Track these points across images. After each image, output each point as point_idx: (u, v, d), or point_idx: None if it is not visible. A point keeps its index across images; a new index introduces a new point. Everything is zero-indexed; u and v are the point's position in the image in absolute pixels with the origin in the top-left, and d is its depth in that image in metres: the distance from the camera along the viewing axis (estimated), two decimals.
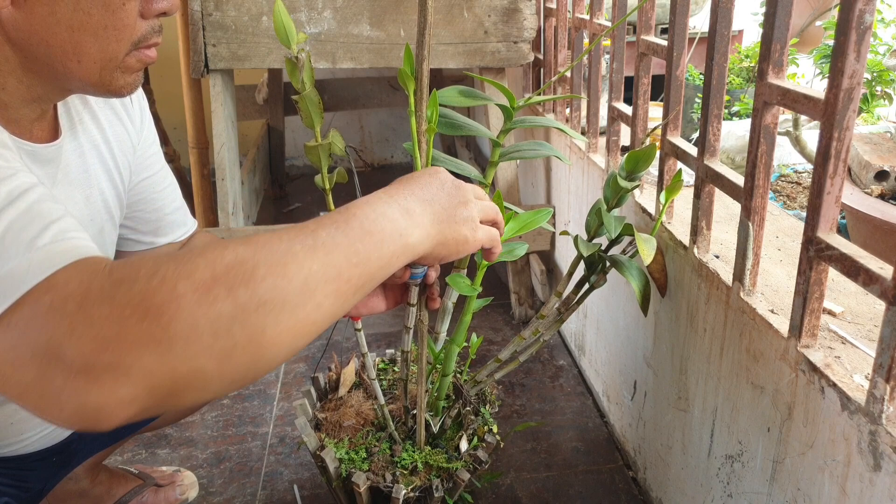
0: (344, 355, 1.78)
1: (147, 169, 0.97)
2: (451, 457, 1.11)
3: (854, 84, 0.70)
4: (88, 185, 0.86)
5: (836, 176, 0.73)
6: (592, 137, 1.55)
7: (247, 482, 1.39)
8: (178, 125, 2.73)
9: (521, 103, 0.94)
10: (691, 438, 1.12)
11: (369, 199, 0.65)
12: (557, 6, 1.72)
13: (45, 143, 0.78)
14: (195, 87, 2.00)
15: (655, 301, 1.19)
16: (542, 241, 1.90)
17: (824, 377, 0.77)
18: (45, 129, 0.79)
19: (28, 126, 0.76)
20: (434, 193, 0.71)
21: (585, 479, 1.38)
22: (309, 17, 1.65)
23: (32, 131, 0.77)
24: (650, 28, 1.21)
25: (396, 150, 3.33)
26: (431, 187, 0.72)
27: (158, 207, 1.00)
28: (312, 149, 0.90)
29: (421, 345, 1.04)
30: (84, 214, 0.85)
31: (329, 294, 0.57)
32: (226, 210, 1.77)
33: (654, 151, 1.07)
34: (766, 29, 0.83)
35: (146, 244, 1.01)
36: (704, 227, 1.04)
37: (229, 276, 0.52)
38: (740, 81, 2.09)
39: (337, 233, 0.59)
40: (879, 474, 0.69)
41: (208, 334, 0.51)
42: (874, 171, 1.41)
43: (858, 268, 0.70)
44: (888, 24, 1.84)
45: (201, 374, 0.51)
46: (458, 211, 0.72)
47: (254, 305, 0.52)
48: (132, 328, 0.49)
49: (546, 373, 1.72)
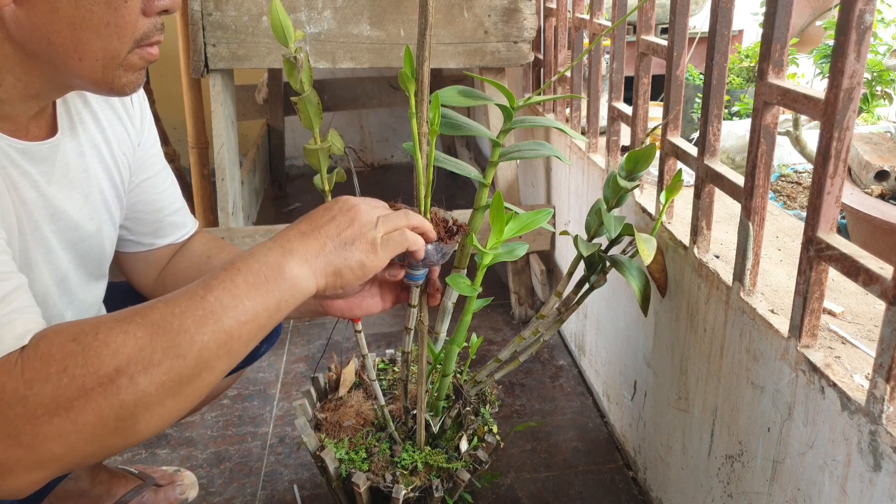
0: (344, 355, 1.78)
1: (147, 170, 0.97)
2: (451, 457, 1.11)
3: (854, 84, 0.70)
4: (88, 184, 0.86)
5: (836, 176, 0.73)
6: (592, 137, 1.55)
7: (247, 482, 1.39)
8: (178, 125, 2.73)
9: (520, 103, 0.94)
10: (691, 438, 1.12)
11: (253, 250, 0.69)
12: (557, 6, 1.72)
13: (39, 141, 0.77)
14: (195, 87, 2.00)
15: (655, 301, 1.19)
16: (542, 241, 1.90)
17: (824, 377, 0.77)
18: (42, 127, 0.78)
19: (24, 123, 0.75)
20: (317, 224, 0.72)
21: (585, 479, 1.38)
22: (309, 17, 1.65)
23: (29, 128, 0.76)
24: (650, 28, 1.21)
25: (396, 150, 3.33)
26: (316, 219, 0.73)
27: (158, 209, 1.00)
28: (312, 152, 0.89)
29: (421, 345, 1.04)
30: (83, 214, 0.85)
31: (222, 356, 0.63)
32: (226, 210, 1.77)
33: (654, 151, 1.06)
34: (766, 29, 0.83)
35: (146, 245, 1.01)
36: (704, 227, 1.04)
37: (130, 366, 0.58)
38: (740, 81, 2.09)
39: (224, 294, 0.63)
40: (879, 474, 0.69)
41: (113, 419, 0.57)
42: (874, 171, 1.41)
43: (858, 268, 0.70)
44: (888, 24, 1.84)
45: (108, 449, 0.59)
46: (344, 235, 0.72)
47: (154, 388, 0.59)
48: (45, 425, 0.55)
49: (546, 373, 1.72)
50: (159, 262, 1.03)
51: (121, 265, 1.04)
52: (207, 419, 1.57)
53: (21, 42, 0.68)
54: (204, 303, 0.62)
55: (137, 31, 0.71)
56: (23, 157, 0.75)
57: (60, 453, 0.57)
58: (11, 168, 0.74)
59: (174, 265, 1.03)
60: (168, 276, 1.03)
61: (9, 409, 0.55)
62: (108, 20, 0.68)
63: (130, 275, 1.05)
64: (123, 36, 0.70)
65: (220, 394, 1.22)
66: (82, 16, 0.67)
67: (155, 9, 0.71)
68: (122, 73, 0.73)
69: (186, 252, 1.04)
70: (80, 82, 0.73)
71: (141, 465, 1.40)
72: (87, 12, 0.67)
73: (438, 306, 1.03)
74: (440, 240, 0.86)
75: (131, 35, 0.70)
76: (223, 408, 1.61)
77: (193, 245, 1.05)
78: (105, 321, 0.60)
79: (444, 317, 1.06)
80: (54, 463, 0.57)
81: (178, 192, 1.03)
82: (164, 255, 1.03)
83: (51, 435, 0.56)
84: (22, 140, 0.75)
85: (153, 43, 0.73)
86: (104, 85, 0.73)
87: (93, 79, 0.72)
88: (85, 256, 0.89)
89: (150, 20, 0.72)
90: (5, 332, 0.59)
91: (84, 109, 0.86)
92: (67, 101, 0.83)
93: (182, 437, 1.51)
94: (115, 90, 0.74)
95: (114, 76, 0.72)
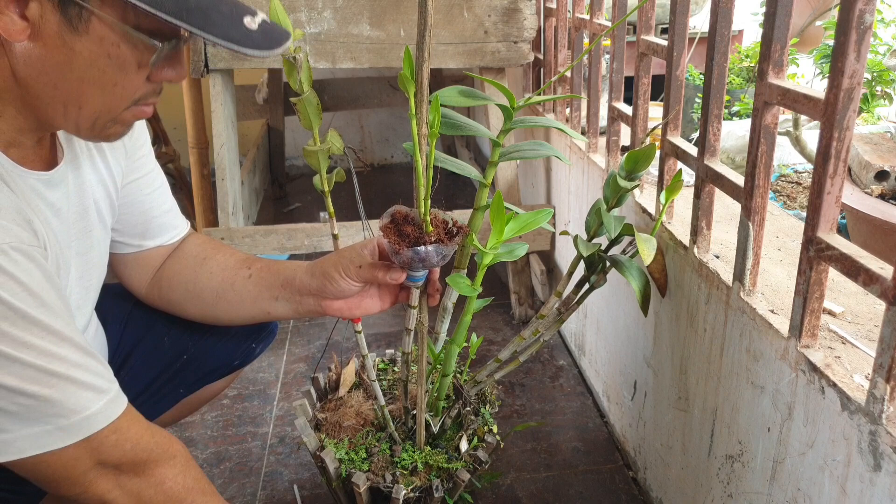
0: (344, 356, 1.78)
1: (137, 170, 0.96)
2: (451, 457, 1.11)
3: (854, 84, 0.70)
4: (84, 196, 0.86)
5: (836, 176, 0.73)
6: (592, 137, 1.55)
7: (247, 482, 1.39)
8: (178, 125, 2.73)
9: (521, 103, 0.94)
10: (691, 438, 1.12)
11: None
12: (557, 6, 1.72)
13: (53, 170, 0.79)
14: (195, 87, 2.00)
15: (655, 301, 1.19)
16: (542, 241, 1.90)
17: (824, 377, 0.77)
18: (45, 148, 0.80)
19: (31, 148, 0.77)
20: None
21: (585, 479, 1.38)
22: (309, 17, 1.65)
23: (37, 153, 0.78)
24: (650, 28, 1.21)
25: (396, 150, 3.33)
26: None
27: (146, 210, 0.98)
28: (311, 153, 0.89)
29: (421, 345, 1.04)
30: (80, 227, 0.86)
31: None
32: (226, 210, 1.77)
33: (654, 151, 1.06)
34: (766, 29, 0.83)
35: (134, 247, 1.00)
36: (704, 227, 1.04)
37: None
38: (740, 81, 2.09)
39: None
40: (879, 474, 0.69)
41: None
42: (874, 171, 1.41)
43: (858, 268, 0.70)
44: (888, 24, 1.84)
45: None
46: None
47: None
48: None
49: (546, 373, 1.72)
50: (152, 264, 1.02)
51: (113, 267, 1.02)
52: (207, 419, 1.57)
53: (26, 80, 0.69)
54: None
55: (138, 93, 0.74)
56: (46, 187, 0.78)
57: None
58: (39, 201, 0.76)
59: (168, 267, 1.02)
60: (163, 279, 1.02)
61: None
62: (115, 81, 0.71)
63: (123, 276, 1.04)
64: (125, 97, 0.73)
65: (218, 393, 1.22)
66: (94, 74, 0.69)
67: (161, 78, 0.74)
68: (112, 125, 0.75)
69: (180, 254, 1.03)
70: (72, 127, 0.75)
71: None
72: (99, 72, 0.69)
73: (438, 306, 1.03)
74: (440, 241, 0.86)
75: (132, 96, 0.73)
76: (223, 408, 1.61)
77: (187, 247, 1.03)
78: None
79: (444, 317, 1.06)
80: None
81: (167, 194, 1.02)
82: (156, 257, 1.02)
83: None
84: (37, 170, 0.77)
85: (149, 103, 0.76)
86: (92, 133, 0.75)
87: (84, 126, 0.74)
88: (86, 265, 0.89)
89: (153, 85, 0.74)
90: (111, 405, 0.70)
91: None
92: None
93: (182, 437, 1.51)
94: (102, 138, 0.77)
95: (104, 127, 0.75)
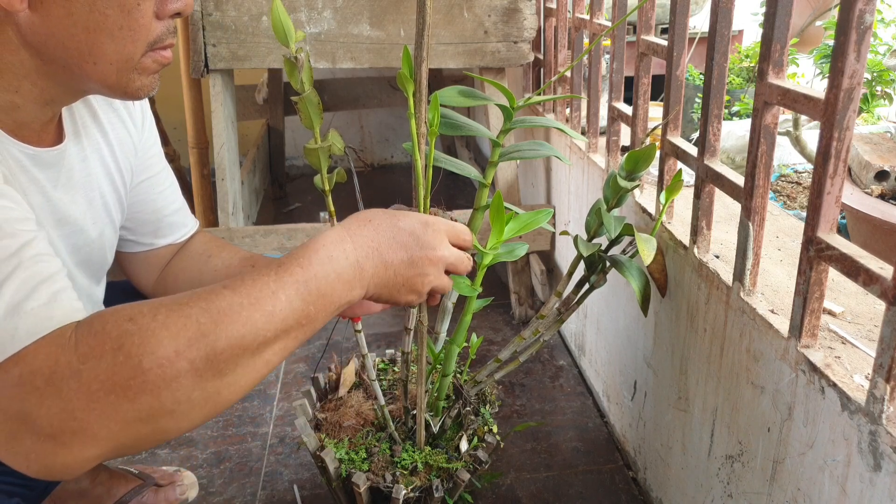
0: (344, 355, 1.78)
1: (147, 170, 0.97)
2: (451, 457, 1.11)
3: (854, 84, 0.70)
4: (90, 188, 0.86)
5: (836, 176, 0.73)
6: (592, 137, 1.55)
7: (247, 482, 1.39)
8: (178, 125, 2.73)
9: (520, 103, 0.94)
10: (691, 438, 1.12)
11: (332, 251, 0.68)
12: (557, 6, 1.72)
13: (48, 147, 0.78)
14: (195, 87, 2.00)
15: (655, 301, 1.19)
16: (542, 241, 1.90)
17: (824, 377, 0.77)
18: (50, 133, 0.80)
19: (38, 129, 0.77)
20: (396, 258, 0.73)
21: (585, 479, 1.38)
22: (309, 17, 1.65)
23: (41, 135, 0.77)
24: (650, 28, 1.21)
25: (396, 150, 3.33)
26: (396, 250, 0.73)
27: (158, 209, 1.00)
28: (312, 151, 0.90)
29: (421, 345, 1.04)
30: (87, 218, 0.86)
31: (277, 352, 0.63)
32: (226, 210, 1.77)
33: (654, 151, 1.06)
34: (766, 29, 0.83)
35: (145, 245, 1.01)
36: (704, 227, 1.04)
37: (191, 350, 0.56)
38: (740, 81, 2.09)
39: (296, 297, 0.63)
40: (879, 474, 0.69)
41: (171, 402, 0.56)
42: (874, 171, 1.41)
43: (858, 268, 0.70)
44: (888, 24, 1.84)
45: (163, 432, 0.58)
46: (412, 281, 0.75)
47: (212, 376, 0.57)
48: (100, 401, 0.54)
49: (546, 373, 1.72)
50: (160, 261, 1.04)
51: (122, 265, 1.04)
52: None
53: (37, 47, 0.69)
54: (275, 300, 0.62)
55: (150, 35, 0.72)
56: (32, 163, 0.76)
57: (115, 431, 0.55)
58: (21, 174, 0.75)
59: (175, 264, 1.04)
60: (169, 276, 1.03)
61: (63, 383, 0.54)
62: (121, 23, 0.69)
63: (132, 274, 1.05)
64: (137, 39, 0.71)
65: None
66: (96, 19, 0.68)
67: (167, 12, 0.73)
68: (136, 77, 0.74)
69: (187, 251, 1.04)
70: (95, 86, 0.74)
71: (141, 465, 1.39)
72: (101, 15, 0.68)
73: (438, 306, 1.03)
74: None
75: (144, 38, 0.72)
76: None
77: (193, 244, 1.05)
78: (165, 303, 0.58)
79: (444, 317, 1.06)
80: (108, 441, 0.56)
81: (177, 192, 1.04)
82: (164, 255, 1.04)
83: (106, 412, 0.54)
84: (33, 146, 0.76)
85: (166, 46, 0.75)
86: (118, 89, 0.74)
87: (107, 83, 0.73)
88: (88, 260, 0.90)
89: (163, 23, 0.73)
90: (56, 307, 0.58)
91: (87, 113, 0.86)
92: (72, 106, 0.83)
93: (182, 437, 1.51)
94: (130, 94, 0.75)
95: (128, 80, 0.73)
